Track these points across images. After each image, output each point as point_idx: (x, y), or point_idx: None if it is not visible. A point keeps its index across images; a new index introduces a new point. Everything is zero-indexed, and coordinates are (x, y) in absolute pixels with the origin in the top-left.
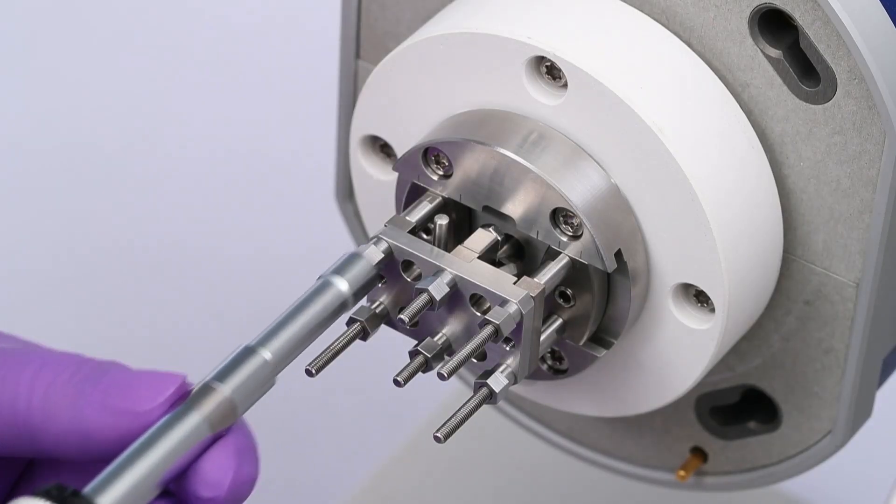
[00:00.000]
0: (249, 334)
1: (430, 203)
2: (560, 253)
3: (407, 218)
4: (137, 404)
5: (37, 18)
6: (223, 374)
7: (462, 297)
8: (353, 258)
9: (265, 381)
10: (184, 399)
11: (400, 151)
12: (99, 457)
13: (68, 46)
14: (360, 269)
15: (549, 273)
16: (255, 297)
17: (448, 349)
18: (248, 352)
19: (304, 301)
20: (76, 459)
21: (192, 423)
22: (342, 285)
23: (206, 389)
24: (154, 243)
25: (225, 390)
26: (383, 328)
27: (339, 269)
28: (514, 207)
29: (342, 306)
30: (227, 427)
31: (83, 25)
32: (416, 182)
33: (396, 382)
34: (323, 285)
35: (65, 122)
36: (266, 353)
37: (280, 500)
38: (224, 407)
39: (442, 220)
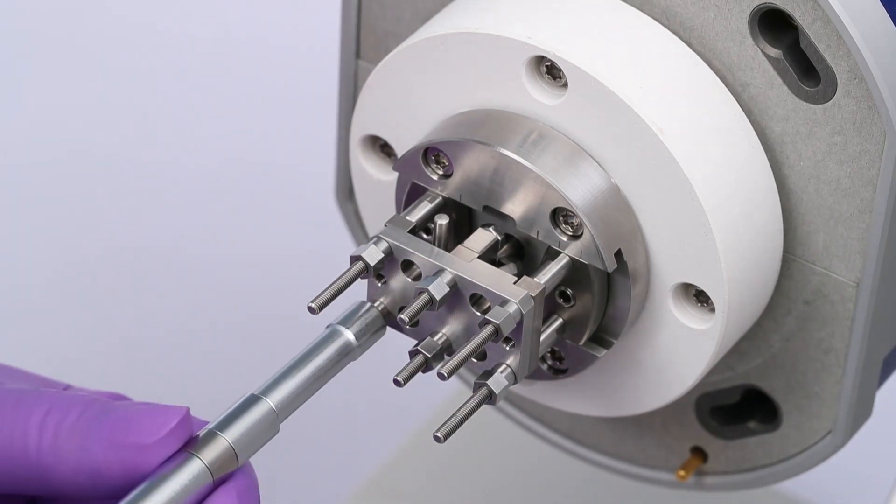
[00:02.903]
0: (248, 333)
1: (430, 203)
2: (560, 253)
3: (407, 218)
4: (142, 438)
5: (36, 22)
6: (227, 422)
7: (462, 296)
8: (359, 307)
9: (268, 429)
10: (187, 431)
11: (400, 151)
12: (108, 494)
13: (67, 49)
14: (367, 318)
15: (550, 273)
16: (255, 297)
17: (448, 349)
18: (252, 400)
19: (311, 350)
20: (86, 497)
21: (193, 470)
22: (348, 335)
23: (210, 436)
24: (153, 243)
25: (227, 438)
26: None
27: (346, 319)
28: (514, 207)
29: (348, 355)
30: (229, 473)
31: (82, 27)
32: (416, 182)
33: (396, 382)
34: (330, 334)
35: (65, 124)
36: (271, 402)
37: (280, 501)
38: (225, 455)
39: (442, 220)
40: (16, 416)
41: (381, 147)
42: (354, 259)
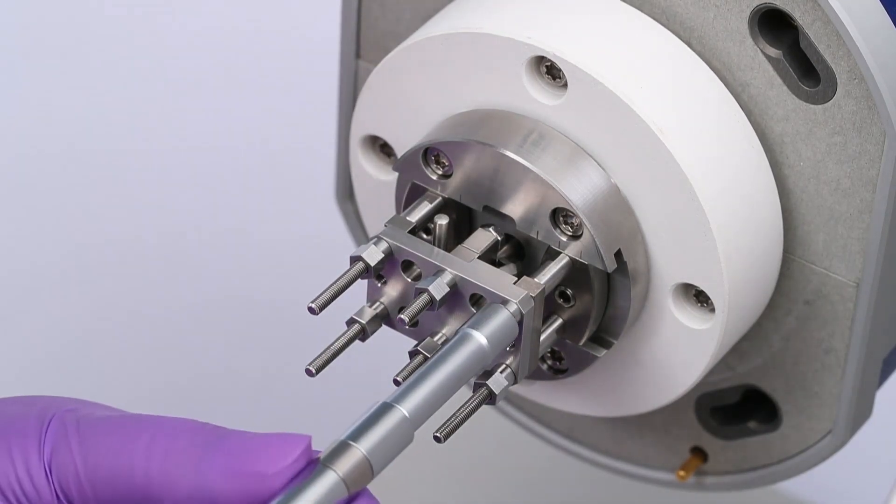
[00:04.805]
0: (247, 334)
1: (430, 203)
2: (560, 253)
3: (407, 218)
4: (265, 467)
5: (38, 18)
6: (359, 432)
7: (462, 297)
8: (491, 310)
9: (402, 438)
10: (308, 460)
11: (400, 151)
12: None
13: (68, 46)
14: (500, 321)
15: (549, 273)
16: (254, 297)
17: None
18: (385, 408)
19: (443, 354)
20: None
21: (328, 482)
22: (481, 339)
23: (343, 447)
24: (153, 244)
25: (361, 449)
26: (383, 328)
27: (478, 323)
28: (514, 207)
29: (482, 359)
30: (361, 489)
31: (82, 27)
32: (416, 182)
33: (396, 382)
34: (462, 338)
35: (66, 121)
36: (404, 409)
37: None
38: (360, 467)
39: (442, 220)
40: (119, 441)
41: (381, 147)
42: (354, 259)
